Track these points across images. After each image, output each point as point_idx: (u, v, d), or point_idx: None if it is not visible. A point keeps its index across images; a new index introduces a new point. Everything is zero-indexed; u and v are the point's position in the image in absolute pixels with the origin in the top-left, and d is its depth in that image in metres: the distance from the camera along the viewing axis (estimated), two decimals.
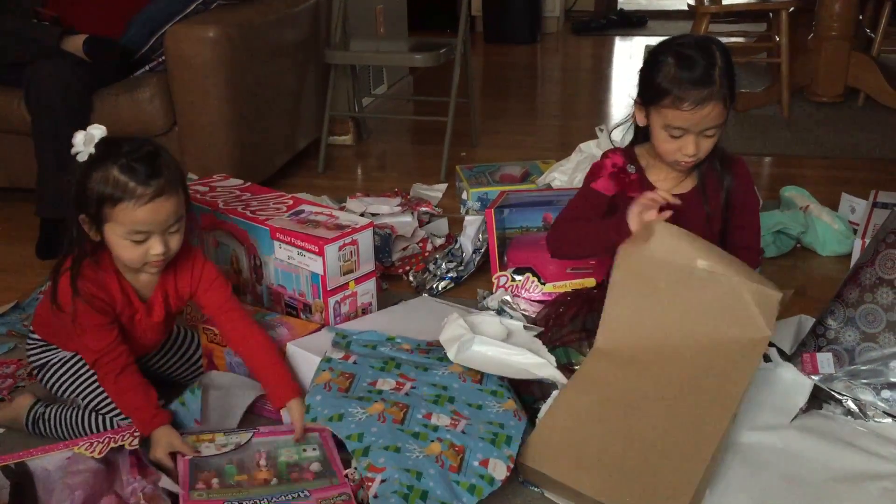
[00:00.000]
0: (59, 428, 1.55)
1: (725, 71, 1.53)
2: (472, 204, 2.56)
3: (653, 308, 1.52)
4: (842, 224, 2.32)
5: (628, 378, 1.48)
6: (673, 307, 1.50)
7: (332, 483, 1.38)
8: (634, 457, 1.38)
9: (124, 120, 2.49)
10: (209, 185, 2.01)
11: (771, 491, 1.40)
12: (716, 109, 1.53)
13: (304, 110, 3.07)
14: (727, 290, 1.46)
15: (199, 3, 2.60)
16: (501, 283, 2.05)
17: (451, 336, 1.60)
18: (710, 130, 1.56)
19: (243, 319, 1.58)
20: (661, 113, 1.56)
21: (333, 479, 1.39)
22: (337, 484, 1.38)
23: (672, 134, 1.57)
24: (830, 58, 3.65)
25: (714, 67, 1.52)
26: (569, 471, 1.39)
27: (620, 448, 1.40)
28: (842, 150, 3.20)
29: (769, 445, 1.49)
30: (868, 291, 1.62)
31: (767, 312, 1.44)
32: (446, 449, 1.39)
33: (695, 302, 1.49)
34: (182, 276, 1.57)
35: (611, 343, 1.54)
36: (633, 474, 1.36)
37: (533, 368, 1.54)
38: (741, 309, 1.45)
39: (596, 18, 5.97)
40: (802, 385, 1.57)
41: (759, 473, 1.43)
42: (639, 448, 1.39)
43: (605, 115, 3.94)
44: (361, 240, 1.78)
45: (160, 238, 1.43)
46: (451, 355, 1.57)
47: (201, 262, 1.58)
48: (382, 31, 3.71)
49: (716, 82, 1.51)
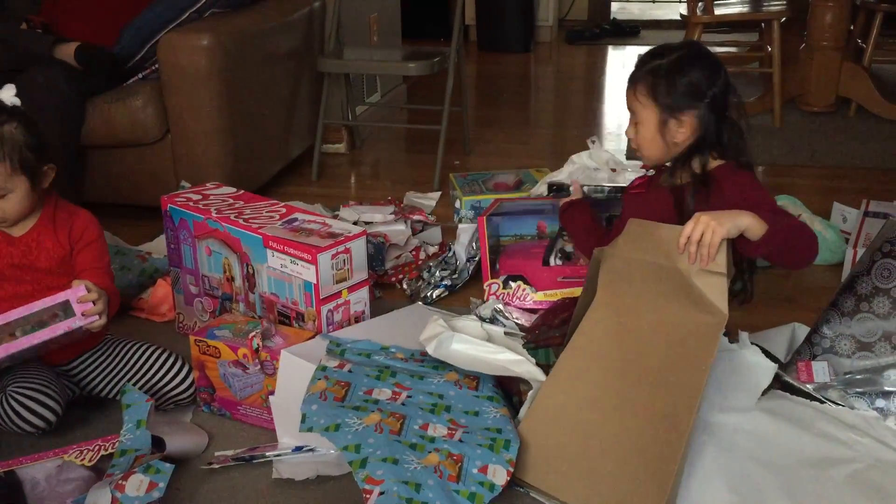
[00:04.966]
0: None
1: (665, 70, 1.59)
2: (466, 212, 2.56)
3: (627, 308, 1.52)
4: (834, 233, 2.32)
5: (601, 376, 1.49)
6: (641, 299, 1.51)
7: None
8: (611, 458, 1.40)
9: (117, 128, 2.49)
10: (202, 192, 2.01)
11: (744, 476, 1.42)
12: (636, 96, 1.62)
13: (297, 118, 3.06)
14: (678, 279, 1.45)
15: (193, 11, 2.60)
16: (493, 290, 2.05)
17: (430, 334, 1.63)
18: (636, 116, 1.65)
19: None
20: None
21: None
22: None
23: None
24: (822, 68, 3.67)
25: (655, 59, 1.62)
26: (548, 478, 1.42)
27: (597, 451, 1.41)
28: (833, 160, 3.21)
29: (738, 427, 1.50)
30: (864, 300, 1.62)
31: (717, 294, 1.42)
32: (444, 459, 1.38)
33: (655, 292, 1.49)
34: (61, 231, 1.67)
35: (585, 340, 1.54)
36: (609, 476, 1.38)
37: (511, 365, 1.56)
38: (695, 295, 1.44)
39: (589, 28, 5.98)
40: (766, 368, 1.56)
41: (730, 456, 1.45)
42: (614, 449, 1.40)
43: (598, 124, 3.95)
44: (355, 248, 1.77)
45: None
46: (430, 350, 1.59)
47: (82, 226, 1.68)
48: (376, 39, 3.72)
49: (640, 70, 1.62)
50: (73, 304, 1.52)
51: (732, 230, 1.41)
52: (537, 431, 1.46)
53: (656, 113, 1.61)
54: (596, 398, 1.47)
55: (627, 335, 1.50)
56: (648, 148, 1.66)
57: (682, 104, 1.59)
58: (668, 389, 1.41)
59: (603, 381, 1.48)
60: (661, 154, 1.65)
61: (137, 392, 1.53)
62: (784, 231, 1.46)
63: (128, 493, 1.32)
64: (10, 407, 1.54)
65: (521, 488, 1.46)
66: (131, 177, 2.58)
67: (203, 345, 1.67)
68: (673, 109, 1.59)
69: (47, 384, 1.59)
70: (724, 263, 1.41)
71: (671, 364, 1.43)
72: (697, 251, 1.41)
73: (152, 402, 1.51)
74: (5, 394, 1.56)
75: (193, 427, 1.67)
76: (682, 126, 1.60)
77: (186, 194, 1.99)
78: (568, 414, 1.47)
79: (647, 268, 1.49)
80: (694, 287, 1.42)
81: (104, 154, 2.56)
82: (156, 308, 2.11)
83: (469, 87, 4.03)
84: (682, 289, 1.44)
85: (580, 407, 1.47)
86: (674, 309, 1.46)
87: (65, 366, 1.71)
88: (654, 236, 1.48)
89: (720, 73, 1.60)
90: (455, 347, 1.61)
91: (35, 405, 1.55)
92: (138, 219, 2.61)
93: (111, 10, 2.67)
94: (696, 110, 1.58)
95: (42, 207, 1.67)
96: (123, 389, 1.54)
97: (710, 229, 1.40)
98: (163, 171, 2.57)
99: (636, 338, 1.49)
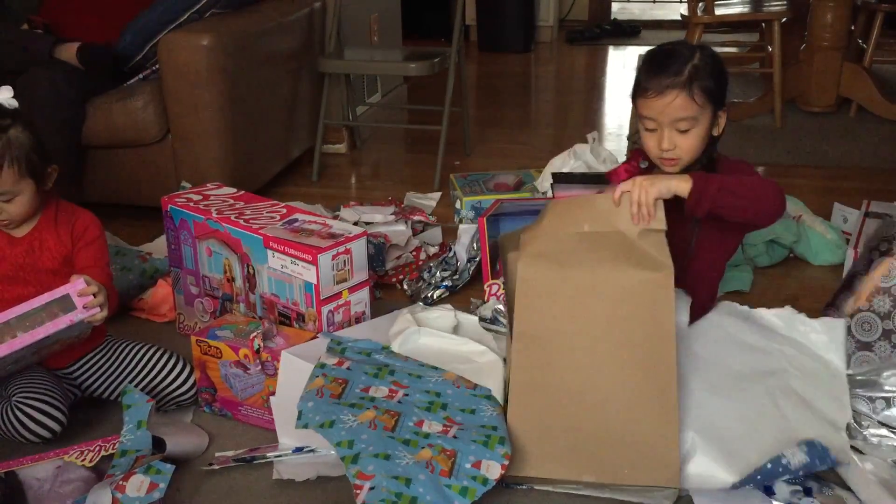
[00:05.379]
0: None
1: (701, 69, 1.58)
2: (466, 213, 2.56)
3: (562, 281, 1.54)
4: (834, 234, 2.32)
5: (560, 355, 1.50)
6: (575, 269, 1.53)
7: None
8: (606, 427, 1.43)
9: (118, 128, 2.49)
10: (202, 193, 2.01)
11: (708, 406, 1.49)
12: (679, 99, 1.57)
13: (297, 119, 3.07)
14: (618, 241, 1.51)
15: (194, 11, 2.60)
16: (493, 291, 2.05)
17: (397, 329, 1.65)
18: (681, 123, 1.59)
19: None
20: (637, 105, 1.63)
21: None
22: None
23: (647, 126, 1.63)
24: (822, 68, 3.67)
25: (686, 62, 1.58)
26: (546, 464, 1.43)
27: (589, 424, 1.44)
28: (834, 160, 3.21)
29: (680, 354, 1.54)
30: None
31: (660, 250, 1.49)
32: (437, 454, 1.38)
33: (596, 259, 1.52)
34: (62, 230, 1.68)
35: (529, 325, 1.54)
36: (616, 445, 1.41)
37: (474, 356, 1.60)
38: (638, 254, 1.50)
39: (589, 28, 5.98)
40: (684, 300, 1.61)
41: (688, 387, 1.51)
42: (604, 416, 1.44)
43: (599, 124, 3.95)
44: (355, 249, 1.77)
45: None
46: (394, 347, 1.62)
47: (83, 225, 1.68)
48: (376, 39, 3.72)
49: (683, 74, 1.57)
50: (74, 297, 1.52)
51: (664, 190, 1.51)
52: (524, 425, 1.47)
53: (710, 112, 1.61)
54: (565, 376, 1.49)
55: (570, 308, 1.52)
56: (694, 150, 1.63)
57: (725, 96, 1.62)
58: (637, 346, 1.46)
59: (564, 359, 1.50)
60: (700, 151, 1.65)
61: (138, 392, 1.53)
62: (718, 186, 1.52)
63: (128, 493, 1.32)
64: (16, 417, 1.54)
65: (521, 486, 1.46)
66: (132, 177, 2.59)
67: (204, 345, 1.67)
68: (723, 102, 1.62)
69: (52, 393, 1.58)
70: (663, 220, 1.49)
71: (631, 322, 1.48)
72: (639, 212, 1.49)
73: (153, 402, 1.51)
74: (10, 403, 1.55)
75: (194, 428, 1.68)
76: (724, 115, 1.64)
77: (187, 195, 1.99)
78: (546, 397, 1.48)
79: (581, 239, 1.53)
80: (637, 246, 1.49)
81: (104, 154, 2.56)
82: (156, 308, 2.11)
83: (469, 88, 4.03)
84: (625, 250, 1.50)
85: (555, 387, 1.48)
86: (618, 270, 1.50)
87: (66, 369, 1.72)
88: (591, 208, 1.55)
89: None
90: (421, 342, 1.63)
91: (40, 416, 1.54)
92: (139, 219, 2.62)
93: (111, 10, 2.67)
94: (727, 96, 1.63)
95: (43, 208, 1.67)
96: (124, 390, 1.54)
97: (644, 189, 1.49)
98: (163, 172, 2.57)
99: (582, 308, 1.51)
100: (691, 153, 1.62)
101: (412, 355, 1.61)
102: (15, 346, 1.49)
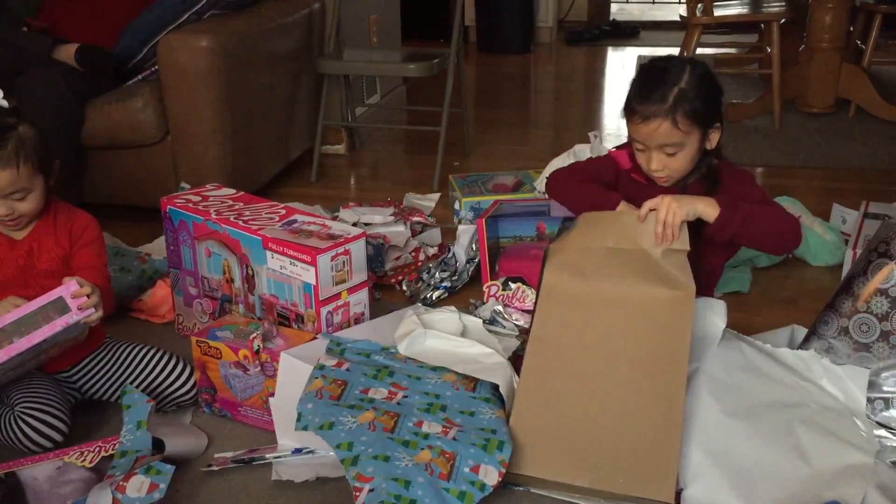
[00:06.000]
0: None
1: (687, 92, 1.58)
2: (465, 214, 2.57)
3: (584, 292, 1.56)
4: (833, 234, 2.33)
5: (572, 362, 1.52)
6: (599, 283, 1.55)
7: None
8: (607, 436, 1.43)
9: (117, 129, 2.49)
10: (201, 194, 2.01)
11: (716, 425, 1.48)
12: (663, 127, 1.58)
13: (297, 119, 3.07)
14: (642, 258, 1.54)
15: (193, 12, 2.60)
16: (492, 292, 2.05)
17: (403, 332, 1.65)
18: (668, 148, 1.61)
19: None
20: (628, 125, 1.66)
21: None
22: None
23: (636, 147, 1.66)
24: (821, 69, 3.67)
25: (672, 85, 1.58)
26: (547, 466, 1.44)
27: (590, 431, 1.45)
28: (833, 161, 3.21)
29: (699, 370, 1.55)
30: (861, 301, 1.62)
31: (682, 270, 1.52)
32: (436, 456, 1.38)
33: (619, 274, 1.54)
34: (61, 231, 1.67)
35: (546, 330, 1.56)
36: (615, 454, 1.42)
37: (481, 358, 1.60)
38: (661, 272, 1.52)
39: (589, 29, 5.98)
40: (716, 326, 1.60)
41: (695, 405, 1.50)
42: (607, 426, 1.44)
43: (598, 125, 3.95)
44: (354, 250, 1.77)
45: (2, 201, 1.56)
46: (401, 349, 1.62)
47: (81, 226, 1.69)
48: (376, 40, 3.72)
49: (667, 101, 1.57)
50: (67, 299, 1.52)
51: (690, 213, 1.55)
52: (527, 425, 1.48)
53: (699, 133, 1.62)
54: (574, 383, 1.50)
55: (589, 319, 1.54)
56: (685, 168, 1.66)
57: (717, 112, 1.64)
58: (650, 362, 1.47)
59: (575, 366, 1.51)
60: (692, 166, 1.68)
61: (138, 393, 1.53)
62: (743, 217, 1.56)
63: (128, 494, 1.32)
64: (19, 428, 1.54)
65: (520, 487, 1.46)
66: (131, 178, 2.59)
67: (205, 346, 1.68)
68: (713, 120, 1.64)
69: (54, 402, 1.58)
70: (686, 241, 1.52)
71: (648, 338, 1.49)
72: (663, 232, 1.52)
73: (153, 402, 1.52)
74: (14, 413, 1.55)
75: (193, 428, 1.68)
76: (716, 130, 1.65)
77: (186, 196, 1.99)
78: (551, 400, 1.49)
79: (606, 254, 1.57)
80: (660, 266, 1.53)
81: (104, 155, 2.56)
82: (155, 309, 2.11)
83: (469, 89, 4.03)
84: (648, 268, 1.52)
85: (562, 392, 1.49)
86: (639, 287, 1.52)
87: (65, 372, 1.71)
88: (617, 224, 1.59)
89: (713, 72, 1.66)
90: (428, 344, 1.64)
91: (44, 427, 1.54)
92: (138, 220, 2.62)
93: (111, 12, 2.67)
94: (720, 111, 1.65)
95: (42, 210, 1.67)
96: (124, 390, 1.54)
97: (672, 211, 1.52)
98: (162, 173, 2.57)
99: (600, 320, 1.53)
100: (681, 171, 1.67)
101: (419, 357, 1.60)
102: (13, 352, 1.49)
